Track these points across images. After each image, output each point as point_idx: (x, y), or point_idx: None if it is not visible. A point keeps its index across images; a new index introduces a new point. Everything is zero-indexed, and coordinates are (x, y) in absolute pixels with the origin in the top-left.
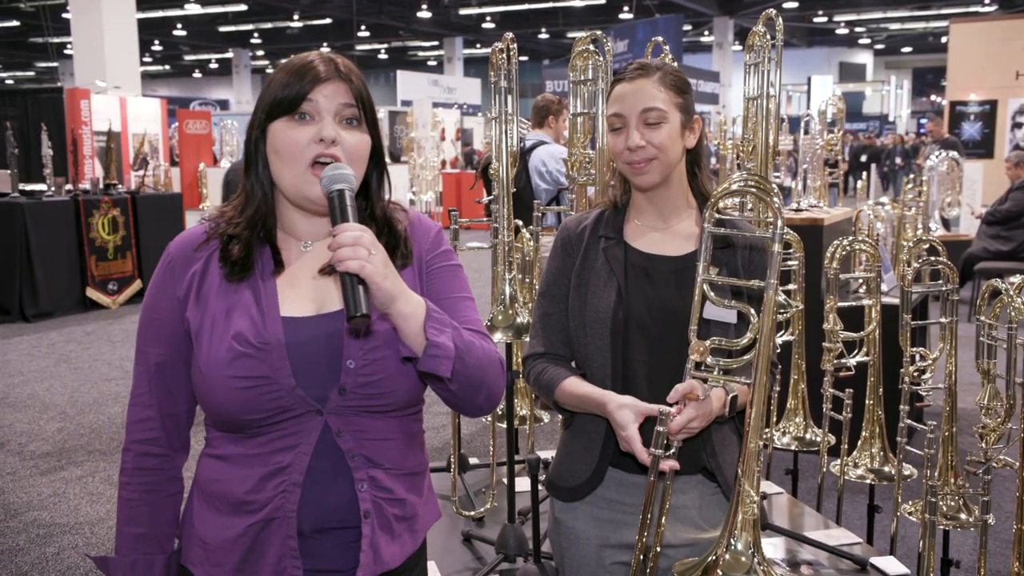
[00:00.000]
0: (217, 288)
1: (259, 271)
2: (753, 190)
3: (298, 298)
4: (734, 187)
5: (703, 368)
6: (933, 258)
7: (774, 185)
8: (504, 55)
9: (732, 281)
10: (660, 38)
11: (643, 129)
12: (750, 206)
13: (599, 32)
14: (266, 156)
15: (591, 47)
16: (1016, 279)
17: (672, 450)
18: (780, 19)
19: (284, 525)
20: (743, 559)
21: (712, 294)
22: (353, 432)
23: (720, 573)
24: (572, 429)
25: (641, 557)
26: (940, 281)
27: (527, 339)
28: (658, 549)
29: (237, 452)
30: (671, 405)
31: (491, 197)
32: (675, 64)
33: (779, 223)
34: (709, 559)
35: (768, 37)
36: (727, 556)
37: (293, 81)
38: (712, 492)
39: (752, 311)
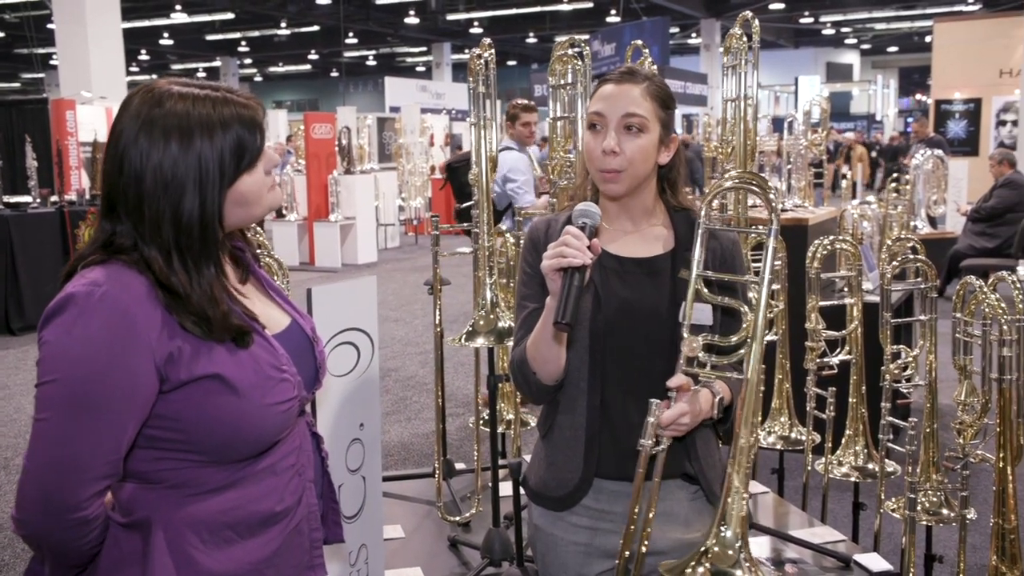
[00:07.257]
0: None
1: None
2: (751, 187)
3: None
4: (728, 184)
5: (695, 364)
6: (913, 256)
7: (769, 182)
8: (482, 61)
9: (725, 277)
10: (640, 41)
11: (621, 134)
12: (728, 205)
13: (578, 37)
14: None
15: (570, 51)
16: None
17: (661, 446)
18: (756, 21)
19: (311, 519)
20: (730, 552)
21: (705, 291)
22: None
23: (708, 565)
24: (549, 439)
25: (627, 561)
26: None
27: (510, 344)
28: (643, 550)
29: (244, 474)
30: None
31: (471, 203)
32: (656, 70)
33: (775, 219)
34: (698, 550)
35: (745, 39)
36: (716, 548)
37: (253, 136)
38: (693, 496)
39: (745, 307)
